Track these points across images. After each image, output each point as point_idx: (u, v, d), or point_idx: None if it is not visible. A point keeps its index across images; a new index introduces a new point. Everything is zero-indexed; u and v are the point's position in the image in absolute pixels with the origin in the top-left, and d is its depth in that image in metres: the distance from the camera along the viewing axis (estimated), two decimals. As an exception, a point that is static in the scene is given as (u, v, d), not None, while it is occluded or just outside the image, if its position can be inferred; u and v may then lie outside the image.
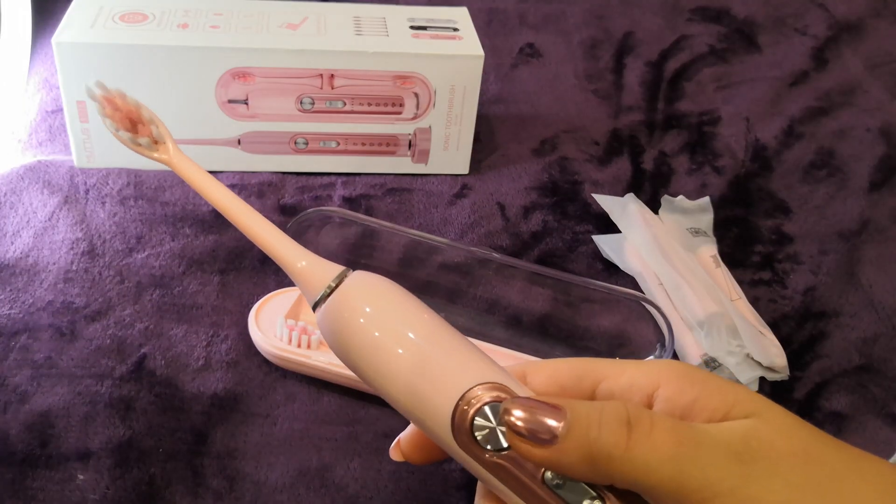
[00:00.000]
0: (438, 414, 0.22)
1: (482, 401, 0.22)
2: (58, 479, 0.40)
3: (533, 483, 0.22)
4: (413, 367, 0.22)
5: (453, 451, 0.23)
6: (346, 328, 0.23)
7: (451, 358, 0.23)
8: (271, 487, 0.41)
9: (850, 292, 0.56)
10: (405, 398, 0.23)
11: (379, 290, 0.23)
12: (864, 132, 0.72)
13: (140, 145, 0.26)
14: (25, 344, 0.47)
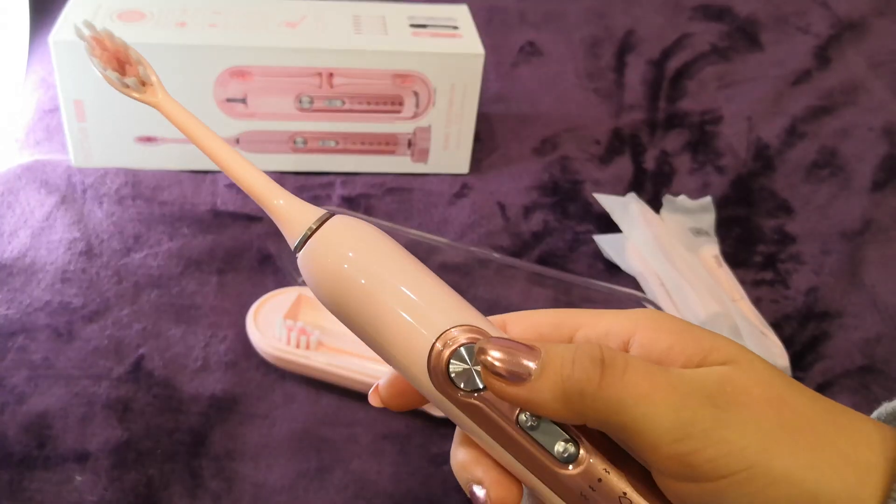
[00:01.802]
0: (415, 354, 0.22)
1: (458, 342, 0.22)
2: (55, 481, 0.40)
3: (507, 425, 0.22)
4: (392, 309, 0.22)
5: (430, 393, 0.23)
6: (327, 271, 0.23)
7: (429, 300, 0.23)
8: (270, 489, 0.41)
9: (853, 292, 0.56)
10: (384, 340, 0.23)
11: (360, 234, 0.24)
12: (867, 131, 0.72)
13: (128, 86, 0.26)
14: (23, 345, 0.46)
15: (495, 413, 0.22)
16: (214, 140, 0.25)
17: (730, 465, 0.21)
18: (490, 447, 0.23)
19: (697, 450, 0.21)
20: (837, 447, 0.22)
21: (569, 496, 0.23)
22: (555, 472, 0.22)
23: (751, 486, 0.21)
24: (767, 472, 0.21)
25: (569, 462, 0.22)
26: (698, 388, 0.22)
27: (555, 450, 0.22)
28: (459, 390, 0.22)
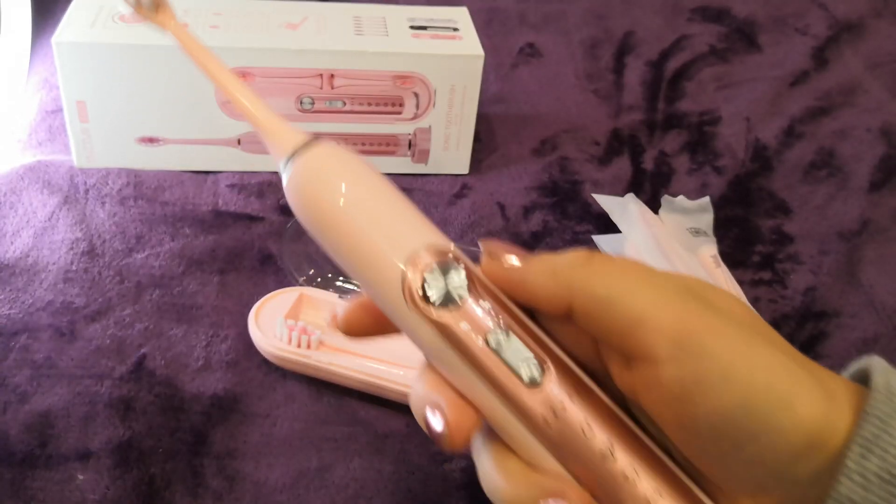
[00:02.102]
0: (390, 272, 0.23)
1: (433, 260, 0.23)
2: (57, 480, 0.40)
3: (476, 343, 0.23)
4: (370, 229, 0.23)
5: (401, 312, 0.23)
6: (309, 192, 0.24)
7: (406, 222, 0.24)
8: (271, 488, 0.41)
9: (851, 292, 0.56)
10: (361, 259, 0.23)
11: (343, 160, 0.24)
12: (865, 132, 0.72)
13: (142, 6, 0.26)
14: (25, 344, 0.47)
15: (466, 331, 0.23)
16: (218, 64, 0.27)
17: (715, 345, 0.21)
18: (455, 371, 0.23)
19: (682, 322, 0.21)
20: (806, 363, 0.22)
21: (531, 421, 0.23)
22: (519, 394, 0.22)
23: (733, 369, 0.21)
24: (749, 360, 0.21)
25: (533, 384, 0.23)
26: (683, 284, 0.23)
27: (521, 370, 0.23)
28: (433, 307, 0.23)
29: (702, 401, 0.21)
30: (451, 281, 0.23)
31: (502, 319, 0.23)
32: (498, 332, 0.23)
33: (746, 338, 0.22)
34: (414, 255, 0.23)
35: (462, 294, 0.23)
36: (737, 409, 0.21)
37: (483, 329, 0.23)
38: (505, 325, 0.23)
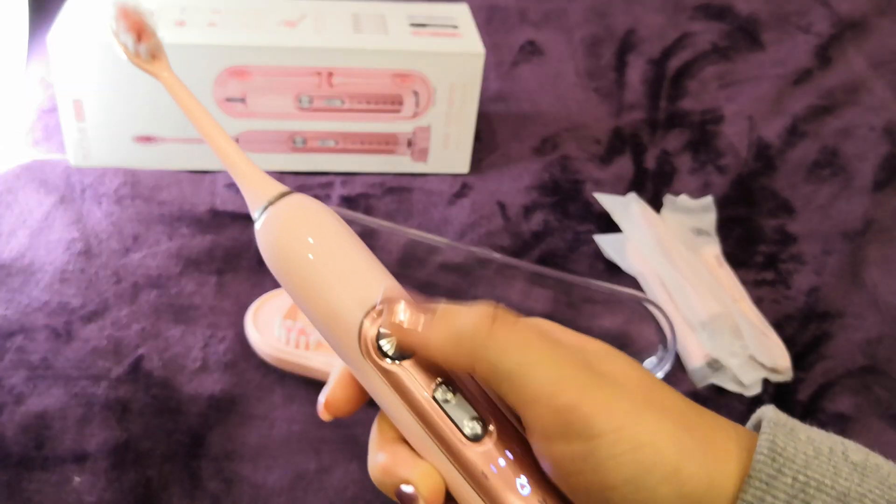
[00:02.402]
0: (348, 324, 0.24)
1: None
2: (54, 482, 0.40)
3: (423, 395, 0.24)
4: (331, 283, 0.25)
5: (357, 362, 0.24)
6: (278, 243, 0.25)
7: (365, 277, 0.25)
8: (269, 490, 0.41)
9: (854, 293, 0.56)
10: (322, 310, 0.25)
11: (313, 214, 0.26)
12: (868, 131, 0.71)
13: (139, 55, 0.27)
14: (21, 345, 0.46)
15: (414, 382, 0.24)
16: (207, 116, 0.27)
17: (601, 425, 0.22)
18: (403, 423, 0.25)
19: (574, 405, 0.22)
20: (700, 431, 0.23)
21: (471, 473, 0.24)
22: (460, 448, 0.24)
23: (618, 447, 0.22)
24: (635, 437, 0.22)
25: (475, 439, 0.24)
26: (578, 354, 0.24)
27: (464, 425, 0.24)
28: (385, 357, 0.24)
29: (592, 476, 0.22)
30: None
31: (450, 374, 0.24)
32: (444, 386, 0.24)
33: (636, 413, 0.22)
34: (372, 309, 0.24)
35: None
36: (624, 484, 0.22)
37: (430, 383, 0.24)
38: (452, 381, 0.24)
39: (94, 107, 0.57)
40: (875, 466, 0.22)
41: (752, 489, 0.21)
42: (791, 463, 0.22)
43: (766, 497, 0.21)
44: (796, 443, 0.22)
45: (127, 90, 0.57)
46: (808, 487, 0.21)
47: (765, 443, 0.22)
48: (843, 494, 0.21)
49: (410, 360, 0.24)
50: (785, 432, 0.22)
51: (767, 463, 0.22)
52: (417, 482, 0.24)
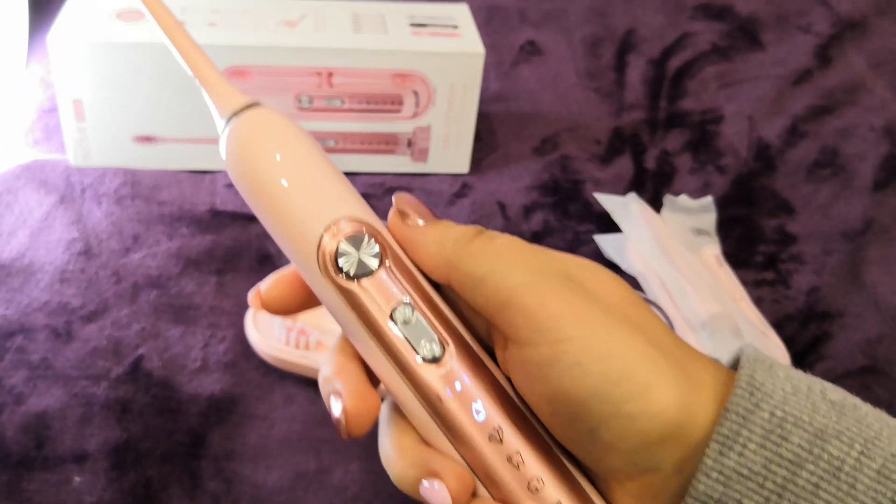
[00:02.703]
0: (309, 237, 0.24)
1: (349, 230, 0.24)
2: (54, 482, 0.40)
3: (380, 315, 0.24)
4: (295, 193, 0.24)
5: (315, 278, 0.24)
6: (243, 153, 0.25)
7: (332, 191, 0.25)
8: (269, 490, 0.41)
9: (855, 293, 0.56)
10: (283, 220, 0.24)
11: (279, 125, 0.25)
12: (868, 131, 0.71)
13: None
14: (21, 345, 0.46)
15: (372, 302, 0.24)
16: (173, 21, 0.27)
17: (570, 329, 0.21)
18: (361, 343, 0.24)
19: (543, 304, 0.22)
20: (675, 356, 0.23)
21: (426, 398, 0.23)
22: (416, 370, 0.23)
23: (586, 354, 0.21)
24: (605, 346, 0.21)
25: (432, 362, 0.23)
26: (559, 267, 0.23)
27: (421, 346, 0.23)
28: (343, 275, 0.23)
29: (557, 384, 0.22)
30: (365, 252, 0.24)
31: (411, 295, 0.24)
32: (404, 307, 0.24)
33: (609, 324, 0.22)
34: (332, 224, 0.24)
35: (373, 266, 0.24)
36: (590, 396, 0.21)
37: (390, 302, 0.24)
38: (412, 301, 0.24)
39: (94, 107, 0.57)
40: (853, 406, 0.22)
41: (729, 422, 0.21)
42: (769, 398, 0.21)
43: (742, 431, 0.21)
44: (775, 379, 0.22)
45: (127, 90, 0.57)
46: (784, 423, 0.21)
47: (744, 376, 0.22)
48: (820, 431, 0.21)
49: (369, 279, 0.24)
50: (764, 368, 0.22)
51: (745, 397, 0.21)
52: (346, 398, 0.24)
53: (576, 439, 0.22)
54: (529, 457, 0.23)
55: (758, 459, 0.21)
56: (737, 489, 0.21)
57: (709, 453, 0.21)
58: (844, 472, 0.20)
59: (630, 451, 0.22)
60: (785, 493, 0.20)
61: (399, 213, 0.25)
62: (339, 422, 0.24)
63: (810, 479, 0.20)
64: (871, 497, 0.20)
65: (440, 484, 0.22)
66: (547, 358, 0.22)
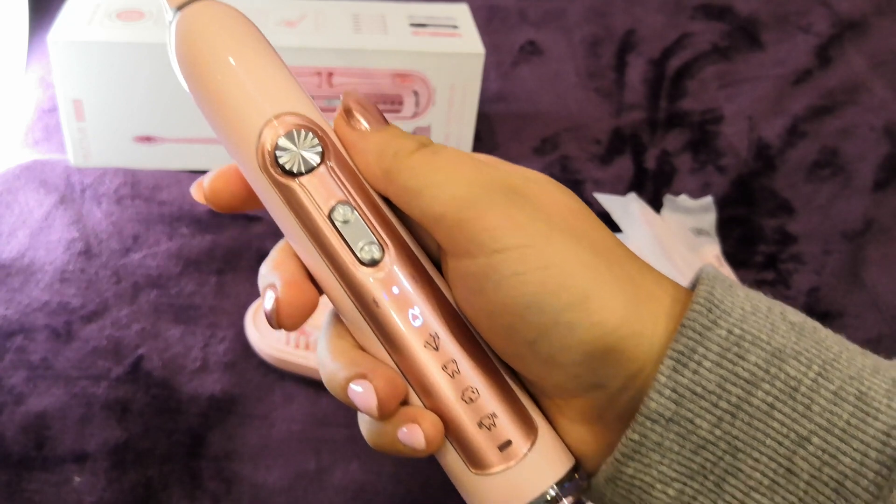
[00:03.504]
0: (249, 130, 0.23)
1: (291, 125, 0.23)
2: (54, 482, 0.40)
3: (318, 214, 0.23)
4: (238, 85, 0.23)
5: (253, 174, 0.23)
6: (190, 42, 0.24)
7: (276, 86, 0.24)
8: (269, 490, 0.41)
9: (855, 293, 0.56)
10: (224, 113, 0.23)
11: (228, 16, 0.24)
12: (868, 131, 0.71)
13: None
14: (21, 345, 0.46)
15: (310, 200, 0.23)
16: None
17: (507, 239, 0.21)
18: (298, 242, 0.23)
19: (479, 216, 0.21)
20: (624, 269, 0.22)
21: (361, 299, 0.22)
22: (352, 271, 0.22)
23: (523, 264, 0.21)
24: (543, 256, 0.21)
25: (370, 265, 0.22)
26: (502, 180, 0.22)
27: (358, 247, 0.22)
28: (281, 170, 0.23)
29: (494, 295, 0.21)
30: (305, 149, 0.23)
31: (351, 195, 0.23)
32: (342, 207, 0.23)
33: (551, 234, 0.21)
34: (273, 118, 0.23)
35: (313, 163, 0.23)
36: (527, 305, 0.20)
37: (328, 201, 0.23)
38: (352, 202, 0.23)
39: (94, 107, 0.57)
40: (813, 328, 0.21)
41: (685, 338, 0.20)
42: (727, 316, 0.20)
43: (698, 348, 0.20)
44: (734, 298, 0.21)
45: (127, 90, 0.57)
46: (742, 341, 0.20)
47: (702, 292, 0.21)
48: (778, 350, 0.20)
49: (308, 177, 0.23)
50: (724, 287, 0.21)
51: (703, 313, 0.20)
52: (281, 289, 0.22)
53: (516, 354, 0.22)
54: (466, 366, 0.22)
55: (713, 378, 0.20)
56: (689, 408, 0.20)
57: (662, 370, 0.20)
58: (801, 393, 0.20)
59: (572, 364, 0.21)
60: (739, 413, 0.20)
61: (345, 112, 0.24)
62: (271, 312, 0.23)
63: (766, 399, 0.20)
64: (826, 418, 0.20)
65: (368, 385, 0.22)
66: (484, 269, 0.21)
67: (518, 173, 0.23)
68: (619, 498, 0.22)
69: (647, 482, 0.21)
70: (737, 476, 0.20)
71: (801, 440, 0.20)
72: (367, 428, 0.24)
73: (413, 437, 0.22)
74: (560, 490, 0.22)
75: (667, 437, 0.20)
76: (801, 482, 0.20)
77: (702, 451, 0.20)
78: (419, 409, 0.22)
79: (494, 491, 0.23)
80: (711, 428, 0.20)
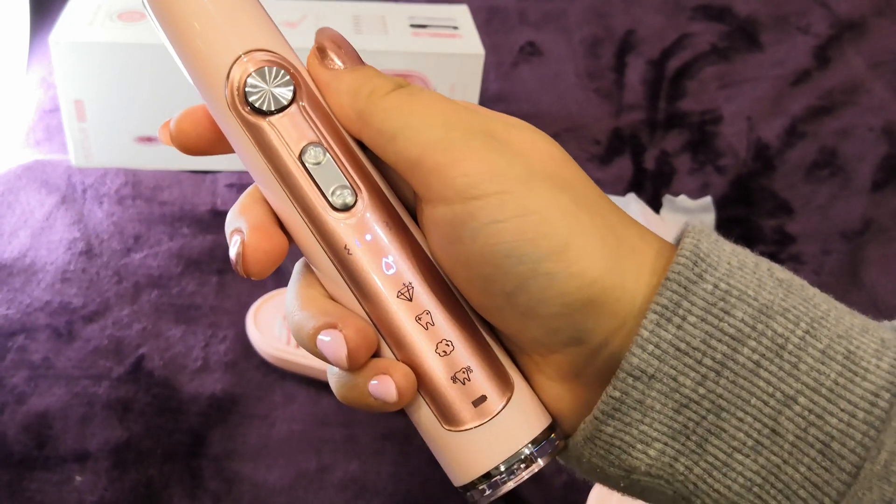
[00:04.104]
0: (218, 65, 0.22)
1: (262, 62, 0.22)
2: (55, 481, 0.40)
3: (289, 155, 0.22)
4: (210, 19, 0.22)
5: (222, 111, 0.22)
6: None
7: (249, 22, 0.23)
8: (270, 489, 0.41)
9: (853, 293, 0.56)
10: (194, 48, 0.22)
11: None
12: (867, 131, 0.72)
13: None
14: (23, 345, 0.46)
15: (280, 141, 0.22)
16: None
17: (486, 186, 0.20)
18: (267, 186, 0.22)
19: (456, 161, 0.20)
20: (606, 220, 0.21)
21: (333, 248, 0.22)
22: (324, 216, 0.21)
23: (501, 212, 0.20)
24: (522, 203, 0.20)
25: (343, 210, 0.21)
26: (482, 125, 0.21)
27: (330, 192, 0.21)
28: (251, 108, 0.22)
29: (471, 244, 0.20)
30: (276, 87, 0.22)
31: (324, 136, 0.22)
32: (314, 149, 0.22)
33: (530, 181, 0.20)
34: (243, 55, 0.22)
35: (284, 103, 0.22)
36: (506, 254, 0.20)
37: (299, 142, 0.22)
38: (325, 143, 0.22)
39: (96, 107, 0.57)
40: (800, 286, 0.20)
41: (669, 292, 0.19)
42: (713, 270, 0.20)
43: (682, 302, 0.19)
44: (720, 252, 0.20)
45: (128, 91, 0.57)
46: (728, 296, 0.19)
47: (688, 245, 0.20)
48: (765, 307, 0.19)
49: (279, 116, 0.22)
50: (710, 241, 0.20)
51: (689, 266, 0.20)
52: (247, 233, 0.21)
53: (494, 307, 0.21)
54: (440, 318, 0.21)
55: (697, 333, 0.19)
56: (672, 364, 0.19)
57: (645, 325, 0.19)
58: (788, 351, 0.19)
59: (550, 316, 0.20)
60: (724, 371, 0.19)
61: (318, 50, 0.23)
62: (236, 258, 0.22)
63: (751, 357, 0.19)
64: (812, 378, 0.19)
65: (338, 335, 0.21)
66: (461, 216, 0.20)
67: (499, 119, 0.22)
68: (597, 458, 0.21)
69: (628, 442, 0.20)
70: (720, 436, 0.19)
71: (787, 399, 0.19)
72: (336, 381, 0.22)
73: (384, 389, 0.21)
74: (535, 449, 0.21)
75: (648, 395, 0.19)
76: (787, 443, 0.19)
77: (685, 409, 0.19)
78: (391, 361, 0.21)
79: (467, 448, 0.22)
80: (695, 386, 0.19)
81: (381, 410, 0.22)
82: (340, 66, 0.22)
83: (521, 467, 0.21)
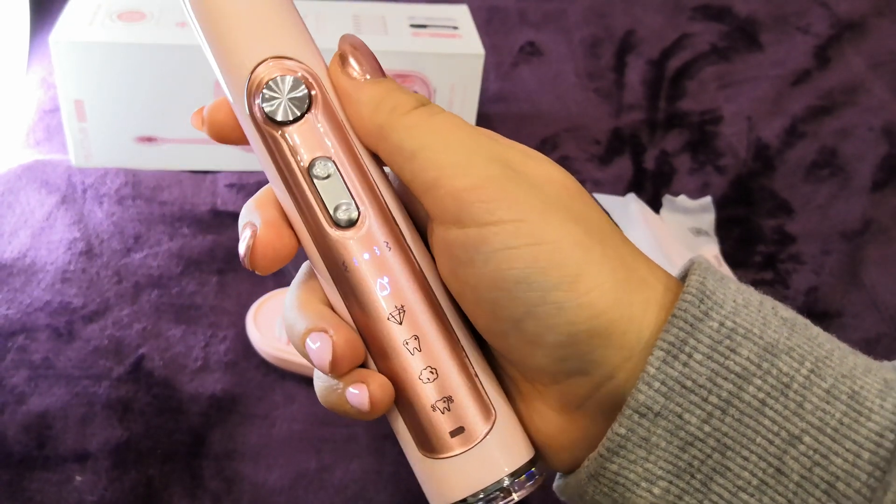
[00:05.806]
0: (239, 73, 0.22)
1: (285, 69, 0.22)
2: (55, 481, 0.40)
3: (298, 166, 0.22)
4: (243, 21, 0.22)
5: (241, 113, 0.23)
6: None
7: (281, 29, 0.23)
8: (270, 489, 0.41)
9: (853, 293, 0.56)
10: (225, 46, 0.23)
11: None
12: (867, 131, 0.72)
13: None
14: (23, 345, 0.46)
15: (291, 151, 0.22)
16: None
17: (501, 212, 0.20)
18: (278, 191, 0.23)
19: (475, 186, 0.20)
20: (617, 253, 0.21)
21: (330, 260, 0.22)
22: (325, 230, 0.22)
23: (515, 239, 0.20)
24: (536, 232, 0.20)
25: (343, 226, 0.22)
26: (500, 153, 0.22)
27: (333, 208, 0.22)
28: (265, 117, 0.22)
29: (483, 268, 0.20)
30: (291, 97, 0.22)
31: (335, 153, 0.22)
32: (323, 162, 0.22)
33: (545, 211, 0.20)
34: (263, 62, 0.22)
35: (297, 114, 0.22)
36: (516, 281, 0.20)
37: (308, 155, 0.22)
38: (334, 158, 0.22)
39: (96, 107, 0.58)
40: (804, 325, 0.20)
41: (676, 329, 0.19)
42: (719, 308, 0.20)
43: (689, 339, 0.19)
44: (726, 290, 0.20)
45: (128, 91, 0.57)
46: (734, 334, 0.19)
47: (695, 282, 0.20)
48: (770, 346, 0.19)
49: (292, 126, 0.22)
50: (716, 278, 0.20)
51: (695, 304, 0.20)
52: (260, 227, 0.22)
53: (500, 332, 0.21)
54: (428, 344, 0.21)
55: (703, 371, 0.19)
56: (678, 402, 0.19)
57: (652, 361, 0.19)
58: (793, 390, 0.19)
59: (557, 345, 0.20)
60: (729, 409, 0.19)
61: (340, 57, 0.23)
62: (245, 251, 0.22)
63: (757, 395, 0.19)
64: (817, 417, 0.19)
65: (327, 339, 0.21)
66: (474, 240, 0.20)
67: (517, 149, 0.22)
68: (601, 496, 0.21)
69: (632, 479, 0.20)
70: (724, 475, 0.19)
71: (793, 439, 0.19)
72: (319, 383, 0.23)
73: (359, 398, 0.21)
74: (513, 483, 0.21)
75: (654, 433, 0.20)
76: (791, 483, 0.19)
77: (690, 447, 0.19)
78: (370, 371, 0.22)
79: (440, 476, 0.22)
80: (700, 423, 0.19)
81: (358, 418, 0.22)
82: (361, 75, 0.22)
83: (499, 496, 0.21)
